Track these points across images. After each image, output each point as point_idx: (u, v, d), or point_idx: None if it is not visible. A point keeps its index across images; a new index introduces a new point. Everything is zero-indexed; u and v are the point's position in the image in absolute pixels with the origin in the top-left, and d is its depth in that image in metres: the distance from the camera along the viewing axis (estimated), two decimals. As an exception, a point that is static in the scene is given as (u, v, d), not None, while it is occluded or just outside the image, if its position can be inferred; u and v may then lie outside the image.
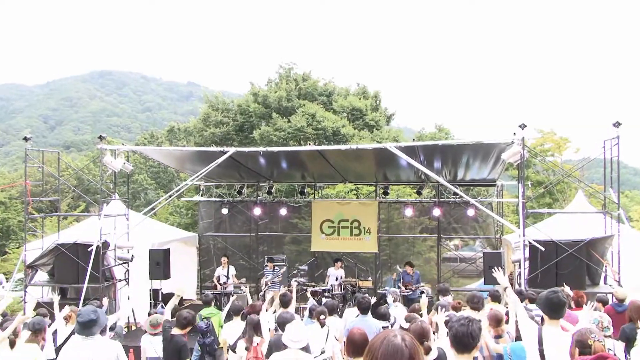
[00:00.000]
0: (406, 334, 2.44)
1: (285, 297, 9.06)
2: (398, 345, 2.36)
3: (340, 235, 17.44)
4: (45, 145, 65.66)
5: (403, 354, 2.32)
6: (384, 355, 2.33)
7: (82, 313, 5.45)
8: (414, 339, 2.44)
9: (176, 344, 6.89)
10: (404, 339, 2.39)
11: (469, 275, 19.22)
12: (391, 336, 2.41)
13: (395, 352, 2.33)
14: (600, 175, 11.48)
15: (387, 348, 2.36)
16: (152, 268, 13.22)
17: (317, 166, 15.19)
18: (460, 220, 17.46)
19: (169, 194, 14.31)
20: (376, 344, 2.41)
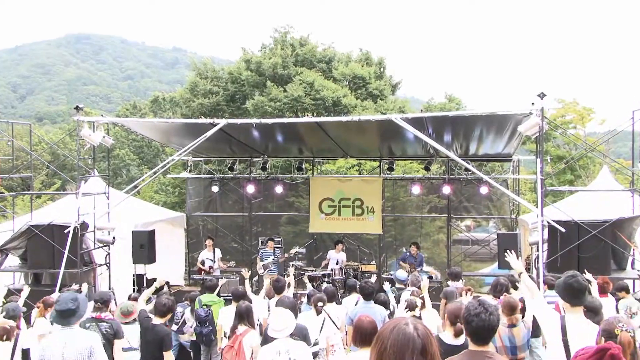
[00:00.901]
0: (419, 323, 2.44)
1: (279, 283, 9.07)
2: (410, 334, 2.36)
3: (341, 215, 17.46)
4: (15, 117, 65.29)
5: (415, 344, 2.33)
6: (394, 345, 2.34)
7: (60, 301, 5.45)
8: (427, 328, 2.44)
9: (157, 333, 6.88)
10: (417, 328, 2.39)
11: (482, 258, 19.32)
12: (402, 324, 2.41)
13: (406, 342, 2.33)
14: (628, 149, 11.46)
15: (397, 337, 2.36)
16: (136, 251, 13.23)
17: (315, 140, 15.12)
18: (472, 199, 17.47)
19: (154, 171, 14.26)
20: (385, 333, 2.41)
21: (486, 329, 3.68)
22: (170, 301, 7.15)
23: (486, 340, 3.72)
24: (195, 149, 13.13)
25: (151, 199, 30.05)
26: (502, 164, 18.31)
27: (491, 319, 3.70)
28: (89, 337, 5.51)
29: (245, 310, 7.43)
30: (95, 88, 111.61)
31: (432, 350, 2.36)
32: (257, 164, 18.22)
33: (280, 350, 5.75)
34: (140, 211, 15.81)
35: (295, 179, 18.67)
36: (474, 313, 3.73)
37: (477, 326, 3.69)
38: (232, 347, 7.07)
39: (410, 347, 2.31)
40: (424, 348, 2.33)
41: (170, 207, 25.59)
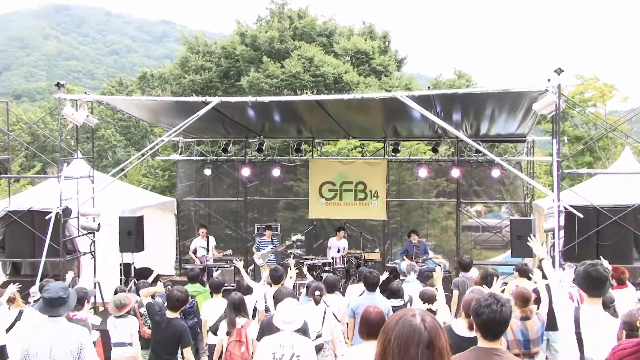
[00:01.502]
0: (427, 314, 2.44)
1: (277, 272, 9.08)
2: (416, 326, 2.36)
3: (342, 200, 17.47)
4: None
5: (421, 336, 2.33)
6: (399, 337, 2.34)
7: (50, 288, 5.43)
8: (436, 321, 2.44)
9: (174, 328, 6.93)
10: (424, 320, 2.39)
11: (494, 246, 19.34)
12: (409, 316, 2.42)
13: (412, 334, 2.34)
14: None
15: (402, 329, 2.36)
16: (123, 239, 13.24)
17: (315, 119, 15.10)
18: (483, 183, 17.46)
19: (142, 152, 14.23)
20: (391, 324, 2.42)
21: (497, 322, 3.67)
22: (184, 294, 7.19)
23: (497, 335, 3.72)
24: (186, 129, 13.08)
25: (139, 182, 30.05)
26: (516, 145, 18.26)
27: (503, 311, 3.70)
28: (79, 332, 5.49)
29: (239, 301, 7.47)
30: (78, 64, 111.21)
31: (439, 344, 2.36)
32: (252, 145, 18.19)
33: (283, 343, 5.76)
34: (127, 196, 15.80)
35: (294, 161, 18.65)
36: (484, 304, 3.72)
37: (487, 319, 3.68)
38: (239, 342, 7.08)
39: (415, 339, 2.32)
40: (431, 341, 2.33)
41: (160, 192, 25.59)
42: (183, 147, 18.88)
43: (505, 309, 3.72)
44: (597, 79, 27.65)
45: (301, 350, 5.77)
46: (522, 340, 6.53)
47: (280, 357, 5.71)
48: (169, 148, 25.22)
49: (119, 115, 40.41)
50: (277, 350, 5.73)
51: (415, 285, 9.83)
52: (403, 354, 2.32)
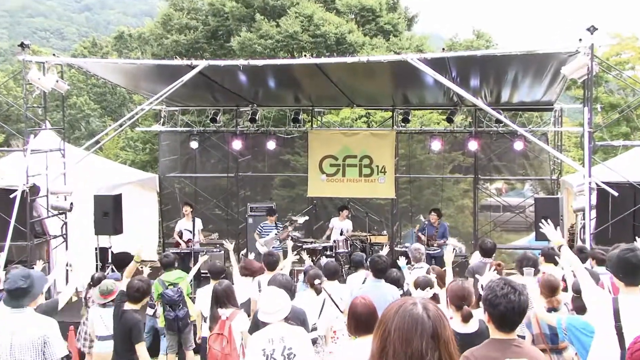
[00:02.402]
0: (430, 303, 2.45)
1: (272, 257, 9.07)
2: (418, 315, 2.36)
3: (345, 176, 17.43)
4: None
5: (424, 327, 2.33)
6: (399, 328, 2.35)
7: (10, 279, 5.43)
8: (439, 310, 2.44)
9: (126, 322, 6.92)
10: (427, 309, 2.40)
11: (516, 228, 19.34)
12: (409, 304, 2.42)
13: (413, 325, 2.34)
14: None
15: (402, 319, 2.37)
16: (99, 220, 13.24)
17: (315, 85, 15.05)
18: (504, 157, 17.43)
19: (119, 123, 14.20)
20: (389, 315, 2.43)
21: (516, 312, 3.68)
22: (145, 284, 7.15)
23: (513, 326, 3.73)
24: (169, 96, 13.03)
25: (116, 157, 30.06)
26: (542, 114, 18.15)
27: (522, 300, 3.69)
28: (43, 323, 5.48)
29: (223, 291, 7.31)
30: (44, 21, 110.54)
31: (445, 334, 2.37)
32: (244, 114, 18.12)
33: (273, 337, 5.74)
34: (103, 172, 15.79)
35: (291, 132, 18.60)
36: (501, 294, 3.71)
37: (505, 310, 3.68)
38: (220, 335, 7.01)
39: (418, 330, 2.32)
40: (436, 331, 2.34)
41: (140, 167, 25.61)
42: (166, 116, 18.80)
43: (524, 298, 3.71)
44: (635, 38, 27.38)
45: (293, 342, 5.76)
46: (549, 334, 6.52)
47: (270, 352, 5.69)
48: (149, 118, 25.15)
49: (93, 80, 40.31)
50: (266, 345, 5.71)
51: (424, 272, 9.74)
52: (405, 346, 2.32)
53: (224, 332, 7.00)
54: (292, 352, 5.72)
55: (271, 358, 5.69)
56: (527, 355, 3.66)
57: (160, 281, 9.77)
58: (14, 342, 5.26)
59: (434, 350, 2.33)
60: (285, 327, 5.86)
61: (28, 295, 5.45)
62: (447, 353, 2.37)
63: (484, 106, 12.33)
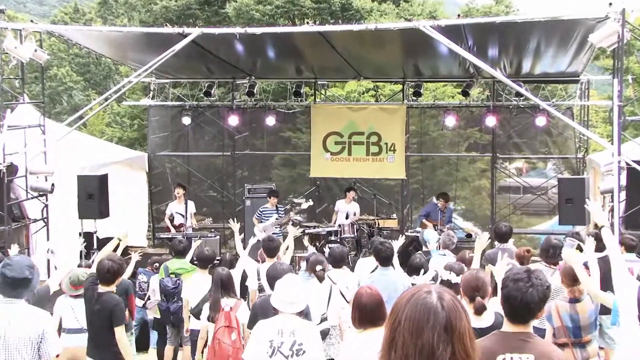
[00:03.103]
0: (445, 291, 2.43)
1: (273, 243, 9.07)
2: (431, 305, 2.35)
3: (352, 155, 17.43)
4: None
5: (436, 317, 2.32)
6: (410, 317, 2.34)
7: (13, 265, 5.33)
8: (456, 300, 2.42)
9: (105, 304, 6.90)
10: (441, 297, 2.38)
11: (538, 211, 19.38)
12: (423, 292, 2.40)
13: (425, 314, 2.32)
14: None
15: (414, 308, 2.35)
16: (83, 203, 13.21)
17: (318, 55, 15.03)
18: (525, 133, 17.40)
19: (104, 97, 14.19)
20: (401, 304, 2.41)
21: (519, 303, 3.68)
22: (116, 264, 7.05)
23: (522, 319, 3.73)
24: (159, 67, 13.00)
25: (102, 133, 30.08)
26: (566, 86, 18.09)
27: (529, 293, 3.68)
28: (40, 317, 5.46)
29: (227, 278, 7.42)
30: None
31: (460, 326, 2.34)
32: (241, 87, 18.10)
33: (283, 329, 5.72)
34: (87, 150, 15.78)
35: (292, 107, 18.56)
36: (512, 278, 3.75)
37: (508, 295, 3.71)
38: (229, 328, 7.02)
39: (430, 320, 2.30)
40: (449, 323, 2.31)
41: (128, 145, 25.60)
42: (155, 90, 18.76)
43: (533, 292, 3.69)
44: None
45: (304, 337, 5.75)
46: (571, 327, 6.50)
47: (279, 345, 5.68)
48: (138, 91, 25.13)
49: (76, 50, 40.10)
50: (274, 337, 5.70)
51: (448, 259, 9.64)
52: (415, 337, 2.30)
53: (231, 323, 7.04)
54: (301, 348, 5.71)
55: (278, 351, 5.68)
56: (533, 349, 3.64)
57: (165, 267, 9.82)
58: (8, 334, 5.25)
59: (447, 344, 2.30)
60: (297, 321, 5.86)
61: (29, 287, 5.44)
62: (462, 348, 2.34)
63: (503, 78, 12.29)
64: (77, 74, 43.08)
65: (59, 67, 41.32)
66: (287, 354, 5.68)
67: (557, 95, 18.18)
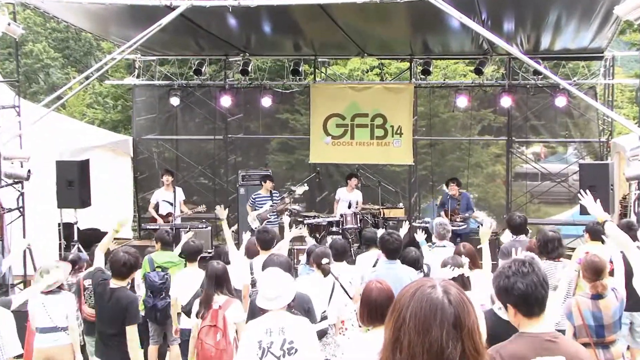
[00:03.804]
0: (451, 285, 2.45)
1: (268, 235, 9.06)
2: (437, 300, 2.36)
3: (355, 139, 17.43)
4: None
5: (444, 314, 2.33)
6: (416, 314, 2.35)
7: None
8: (462, 294, 2.44)
9: (120, 300, 6.93)
10: (448, 292, 2.40)
11: (557, 200, 19.36)
12: (427, 287, 2.42)
13: (432, 311, 2.34)
14: None
15: (419, 304, 2.37)
16: (62, 191, 13.23)
17: (318, 30, 15.05)
18: (543, 115, 17.39)
19: (85, 75, 14.15)
20: (404, 299, 2.42)
21: (537, 288, 3.70)
22: (133, 257, 7.09)
23: (540, 308, 3.73)
24: (144, 43, 12.98)
25: (82, 115, 30.04)
26: (589, 63, 18.05)
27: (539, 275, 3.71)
28: None
29: (222, 272, 7.30)
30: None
31: (469, 323, 2.36)
32: (234, 65, 18.08)
33: (271, 327, 5.71)
34: (66, 133, 15.78)
35: (290, 86, 18.56)
36: (512, 273, 3.76)
37: (526, 287, 3.70)
38: (213, 327, 6.91)
39: (438, 317, 2.32)
40: (458, 319, 2.34)
41: (111, 128, 25.62)
42: (141, 67, 18.72)
43: (532, 278, 3.71)
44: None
45: (295, 334, 5.74)
46: (593, 326, 6.50)
47: (268, 345, 5.67)
48: (121, 69, 25.09)
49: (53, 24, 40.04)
50: (263, 337, 5.69)
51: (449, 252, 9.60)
52: (423, 336, 2.32)
53: (217, 323, 6.94)
54: (293, 346, 5.70)
55: (268, 352, 5.67)
56: (564, 351, 3.63)
57: (150, 259, 9.72)
58: None
59: (456, 341, 2.32)
60: (287, 317, 5.85)
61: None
62: (472, 344, 2.36)
63: (519, 54, 12.27)
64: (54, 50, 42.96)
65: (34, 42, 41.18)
66: (278, 354, 5.68)
67: (578, 73, 18.14)
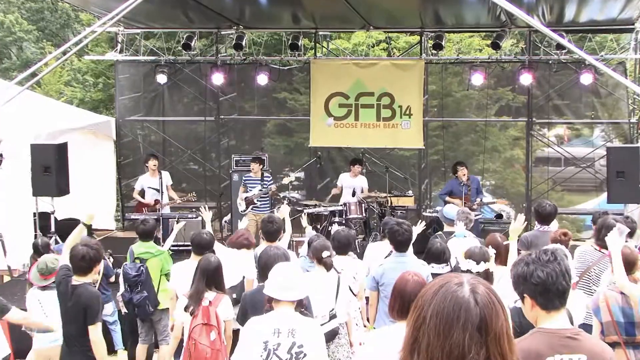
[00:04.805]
0: (480, 283, 2.42)
1: (273, 225, 9.05)
2: (462, 299, 2.34)
3: (359, 120, 17.42)
4: None
5: (469, 315, 2.30)
6: (437, 314, 2.33)
7: None
8: (493, 294, 2.40)
9: (80, 298, 6.91)
10: (475, 291, 2.37)
11: (582, 187, 19.33)
12: (453, 284, 2.39)
13: (456, 311, 2.31)
14: None
15: (443, 304, 2.34)
16: (38, 177, 13.23)
17: (320, 1, 15.10)
18: (567, 94, 17.37)
19: (62, 50, 14.13)
20: (427, 296, 2.41)
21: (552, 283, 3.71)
22: (93, 250, 7.05)
23: (561, 301, 3.75)
24: (128, 15, 12.96)
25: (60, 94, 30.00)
26: (618, 36, 18.05)
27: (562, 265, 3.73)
28: None
29: (215, 267, 7.32)
30: None
31: (496, 327, 2.32)
32: (227, 39, 18.05)
33: (280, 328, 5.68)
34: (42, 114, 15.77)
35: (288, 63, 18.53)
36: (532, 260, 3.79)
37: (516, 274, 3.77)
38: (207, 326, 6.90)
39: (461, 318, 2.29)
40: (484, 322, 2.30)
41: (91, 108, 25.57)
42: (124, 42, 18.67)
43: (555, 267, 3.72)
44: None
45: (305, 338, 5.71)
46: (622, 323, 6.50)
47: (274, 347, 5.64)
48: (102, 43, 25.04)
49: (27, -7, 40.06)
50: (270, 338, 5.65)
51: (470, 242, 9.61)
52: (443, 338, 2.29)
53: (210, 321, 6.93)
54: (302, 350, 5.67)
55: (273, 354, 5.64)
56: (587, 350, 3.64)
57: (130, 252, 9.81)
58: None
59: (480, 347, 2.28)
60: (297, 318, 5.83)
61: None
62: (499, 351, 2.32)
63: (541, 27, 12.23)
64: (28, 22, 42.91)
65: (6, 13, 41.17)
66: (285, 358, 5.64)
67: (606, 47, 18.15)
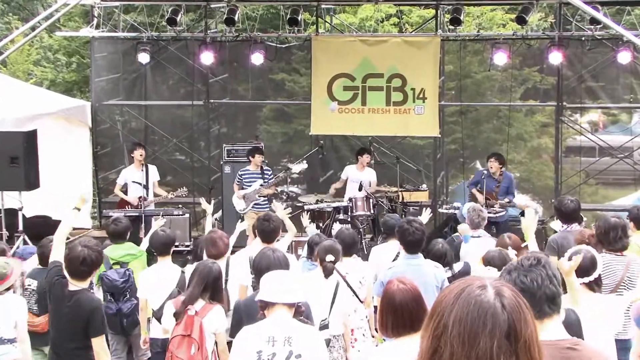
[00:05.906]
0: (504, 286, 2.43)
1: (271, 224, 9.03)
2: (488, 304, 2.34)
3: (366, 105, 17.40)
4: None
5: (497, 320, 2.31)
6: (461, 321, 2.32)
7: None
8: (519, 298, 2.41)
9: (79, 307, 6.89)
10: (501, 295, 2.38)
11: (619, 180, 19.35)
12: (476, 288, 2.39)
13: (481, 317, 2.31)
14: None
15: (465, 309, 2.34)
16: (3, 169, 13.26)
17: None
18: (602, 75, 17.37)
19: (31, 25, 14.11)
20: (447, 301, 2.40)
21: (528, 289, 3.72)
22: (95, 253, 7.01)
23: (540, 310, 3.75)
24: (104, -15, 12.98)
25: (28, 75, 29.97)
26: (659, 10, 18.06)
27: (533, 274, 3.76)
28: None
29: (216, 277, 7.23)
30: None
31: (526, 333, 2.33)
32: (217, 13, 18.04)
33: (274, 336, 5.70)
34: (9, 97, 15.76)
35: (287, 40, 18.51)
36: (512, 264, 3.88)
37: None
38: (186, 338, 6.82)
39: (488, 325, 2.29)
40: (513, 328, 2.30)
41: (64, 91, 25.54)
42: (101, 16, 18.62)
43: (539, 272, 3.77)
44: None
45: (303, 347, 5.73)
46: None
47: (269, 357, 5.67)
48: (76, 18, 25.02)
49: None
50: (264, 347, 5.68)
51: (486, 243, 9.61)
52: (468, 347, 2.29)
53: (192, 333, 6.86)
54: None
55: None
56: None
57: (105, 257, 9.67)
58: None
59: (510, 356, 2.29)
60: (295, 325, 5.85)
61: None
62: None
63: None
64: (-7, -6, 43.03)
65: (-32, -15, 41.26)
66: None
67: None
